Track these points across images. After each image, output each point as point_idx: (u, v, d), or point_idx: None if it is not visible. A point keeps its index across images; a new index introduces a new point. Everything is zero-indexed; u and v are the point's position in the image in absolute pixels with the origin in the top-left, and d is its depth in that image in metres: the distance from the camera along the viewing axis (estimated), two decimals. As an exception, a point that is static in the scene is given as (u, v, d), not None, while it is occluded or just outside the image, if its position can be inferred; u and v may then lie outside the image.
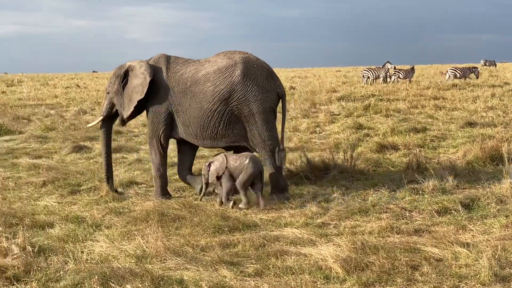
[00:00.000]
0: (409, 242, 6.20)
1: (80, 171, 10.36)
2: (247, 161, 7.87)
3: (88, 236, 6.66)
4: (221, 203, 7.99)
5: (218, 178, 8.00)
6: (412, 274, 5.33)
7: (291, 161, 10.35)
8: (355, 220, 7.16)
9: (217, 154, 8.30)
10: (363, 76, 33.45)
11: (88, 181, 9.49)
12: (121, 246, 6.20)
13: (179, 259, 5.80)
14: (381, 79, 33.15)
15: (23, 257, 5.73)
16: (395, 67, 34.65)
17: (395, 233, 6.56)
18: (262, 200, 7.88)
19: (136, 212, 7.53)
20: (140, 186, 9.28)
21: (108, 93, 8.91)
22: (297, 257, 5.82)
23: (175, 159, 9.54)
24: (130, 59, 8.87)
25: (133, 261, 5.81)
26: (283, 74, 45.45)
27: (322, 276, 5.33)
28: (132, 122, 16.08)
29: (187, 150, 8.92)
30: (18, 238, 6.18)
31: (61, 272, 5.53)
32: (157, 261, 5.81)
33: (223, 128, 8.22)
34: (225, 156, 8.05)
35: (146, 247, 6.06)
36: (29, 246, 6.00)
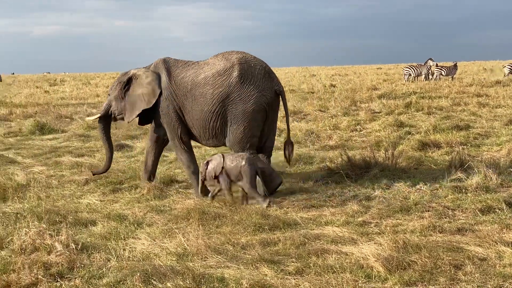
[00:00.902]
0: (452, 241, 6.12)
1: (122, 169, 10.46)
2: (243, 162, 7.97)
3: (130, 234, 6.72)
4: (213, 198, 8.10)
5: (216, 177, 8.08)
6: (455, 274, 5.25)
7: (331, 159, 10.30)
8: (397, 219, 7.08)
9: (214, 154, 8.51)
10: (405, 74, 33.14)
11: (129, 179, 9.58)
12: (162, 244, 6.24)
13: (220, 257, 5.82)
14: (423, 76, 32.81)
15: (66, 254, 5.82)
16: (437, 64, 34.24)
17: (437, 232, 6.47)
18: (257, 196, 7.92)
19: (177, 210, 7.58)
20: (180, 184, 9.32)
21: (109, 95, 9.39)
22: (338, 256, 5.79)
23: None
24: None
25: (174, 259, 5.85)
26: (323, 72, 45.29)
27: (363, 275, 5.29)
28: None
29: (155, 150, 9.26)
30: (61, 235, 6.27)
31: (104, 269, 5.59)
32: (198, 259, 5.83)
33: (220, 126, 8.48)
34: (223, 155, 8.16)
35: (187, 245, 6.09)
36: (72, 244, 6.08)
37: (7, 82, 50.55)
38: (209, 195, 8.21)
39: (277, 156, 9.51)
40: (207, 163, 8.21)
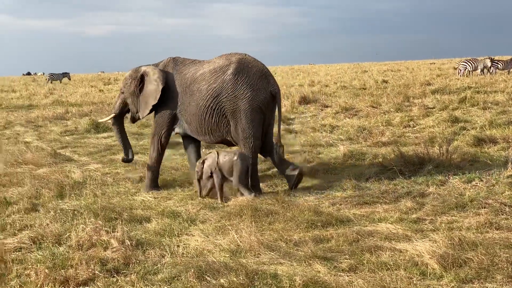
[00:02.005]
0: (509, 238, 5.99)
1: (175, 167, 10.57)
2: (235, 157, 8.22)
3: (183, 230, 6.79)
4: (208, 194, 8.39)
5: (211, 174, 8.31)
6: (513, 271, 5.15)
7: (384, 156, 10.21)
8: (452, 216, 6.97)
9: (210, 152, 8.73)
10: (460, 68, 32.59)
11: (183, 176, 9.67)
12: (215, 241, 6.29)
13: (272, 253, 5.83)
14: (479, 70, 32.21)
15: (122, 250, 5.92)
16: (492, 58, 33.56)
17: (494, 229, 6.35)
18: (246, 190, 8.16)
19: (229, 207, 7.62)
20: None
21: (122, 92, 9.58)
22: (392, 253, 5.73)
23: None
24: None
25: (227, 255, 5.89)
26: (375, 68, 44.88)
27: (418, 272, 5.23)
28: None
29: (191, 146, 9.55)
30: (117, 232, 6.38)
31: (159, 265, 5.67)
32: (251, 255, 5.86)
33: (215, 122, 8.69)
34: (217, 152, 8.44)
35: (240, 241, 6.12)
36: (127, 240, 6.18)
37: (65, 82, 51.57)
38: (202, 193, 8.44)
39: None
40: (203, 162, 8.46)
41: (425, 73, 36.94)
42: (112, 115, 9.75)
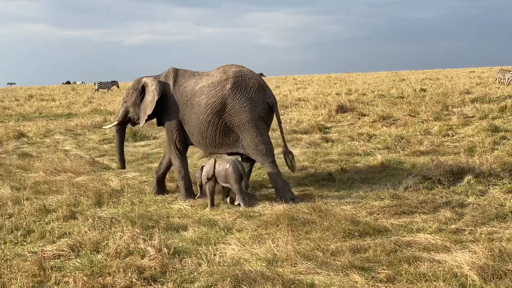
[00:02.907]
0: (552, 250, 5.86)
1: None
2: (227, 165, 8.45)
3: (220, 239, 6.80)
4: (212, 201, 8.59)
5: (209, 179, 8.59)
6: (556, 284, 5.03)
7: (422, 165, 10.09)
8: (492, 226, 6.86)
9: (209, 159, 9.02)
10: (499, 77, 32.12)
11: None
12: (252, 250, 6.28)
13: (309, 263, 5.80)
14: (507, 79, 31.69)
15: (159, 259, 5.94)
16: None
17: (536, 241, 6.22)
18: (242, 200, 8.40)
19: (266, 216, 7.59)
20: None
21: (125, 102, 9.94)
22: (431, 264, 5.65)
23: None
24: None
25: (264, 264, 5.87)
26: (413, 77, 44.50)
27: (457, 284, 5.14)
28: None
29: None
30: (154, 240, 6.41)
31: (195, 274, 5.68)
32: (287, 264, 5.83)
33: (220, 137, 8.95)
34: (214, 160, 8.65)
35: (277, 250, 6.10)
36: (164, 248, 6.20)
37: (113, 90, 51.87)
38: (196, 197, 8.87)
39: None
40: (202, 168, 8.76)
41: (464, 81, 36.51)
42: (115, 122, 10.12)
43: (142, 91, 9.60)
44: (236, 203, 8.58)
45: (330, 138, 14.14)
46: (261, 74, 77.99)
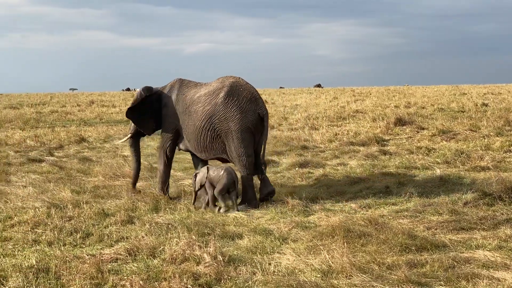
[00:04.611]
0: None
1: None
2: (221, 172, 8.95)
3: (275, 248, 6.79)
4: (206, 206, 9.09)
5: (202, 186, 9.11)
6: None
7: (482, 181, 9.88)
8: (555, 246, 6.65)
9: (202, 167, 9.42)
10: None
11: (275, 194, 9.68)
12: (307, 260, 6.25)
13: (364, 276, 5.73)
14: None
15: (214, 266, 5.97)
16: None
17: None
18: (236, 205, 8.91)
19: (321, 227, 7.55)
20: (325, 201, 9.31)
21: None
22: (490, 281, 5.52)
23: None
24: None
25: (318, 275, 5.84)
26: (474, 91, 43.68)
27: (518, 303, 5.01)
28: (318, 138, 16.31)
29: (196, 160, 10.29)
30: (210, 247, 6.46)
31: (250, 283, 5.68)
32: (342, 276, 5.78)
33: (210, 142, 9.46)
34: (208, 168, 9.19)
35: (332, 262, 6.05)
36: (220, 255, 6.24)
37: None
38: (196, 203, 9.22)
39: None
40: (195, 175, 9.29)
41: (528, 96, 35.61)
42: (129, 135, 10.68)
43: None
44: (221, 210, 8.91)
45: (388, 151, 13.99)
46: (319, 85, 77.62)
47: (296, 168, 12.14)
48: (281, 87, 79.35)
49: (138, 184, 10.71)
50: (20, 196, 9.67)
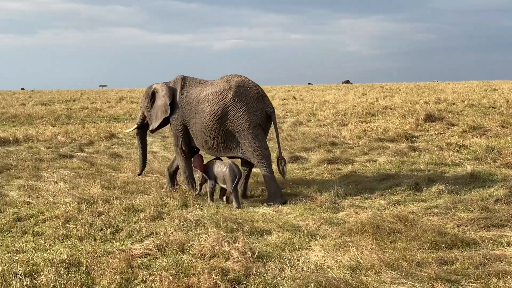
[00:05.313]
0: None
1: (296, 181, 10.60)
2: (224, 168, 9.10)
3: (303, 244, 6.78)
4: (200, 189, 9.55)
5: (205, 180, 9.42)
6: None
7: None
8: None
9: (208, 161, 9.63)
10: None
11: (304, 191, 9.68)
12: (335, 257, 6.23)
13: (394, 273, 5.70)
14: None
15: (243, 262, 5.99)
16: None
17: None
18: (236, 200, 8.97)
19: (350, 223, 7.53)
20: (354, 197, 9.28)
21: (141, 107, 10.85)
22: (522, 279, 5.45)
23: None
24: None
25: (347, 272, 5.82)
26: (506, 86, 43.08)
27: (550, 302, 4.95)
28: (347, 134, 16.24)
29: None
30: (238, 243, 6.47)
31: (278, 279, 5.69)
32: (371, 273, 5.76)
33: (222, 142, 9.58)
34: (213, 162, 9.42)
35: (361, 259, 6.03)
36: (248, 251, 6.25)
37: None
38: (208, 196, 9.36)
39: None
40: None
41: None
42: (135, 126, 10.96)
43: (152, 96, 10.35)
44: (234, 208, 8.87)
45: (418, 147, 13.88)
46: (348, 81, 77.27)
47: (325, 165, 12.12)
48: (309, 83, 79.21)
49: (167, 180, 10.77)
50: (51, 191, 9.79)
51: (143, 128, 10.89)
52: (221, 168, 9.16)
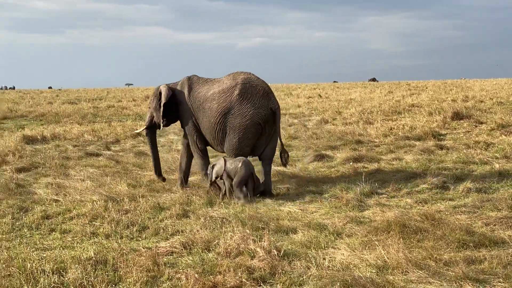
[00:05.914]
0: None
1: (322, 180, 10.57)
2: (240, 164, 9.24)
3: (329, 243, 6.75)
4: (223, 197, 9.27)
5: (220, 178, 9.44)
6: None
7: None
8: None
9: (218, 159, 9.74)
10: None
11: (329, 189, 9.64)
12: (361, 255, 6.20)
13: (421, 272, 5.65)
14: None
15: (268, 260, 5.98)
16: None
17: None
18: (253, 197, 9.14)
19: (376, 222, 7.47)
20: (380, 196, 9.22)
21: (149, 107, 10.97)
22: (551, 280, 5.37)
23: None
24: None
25: (373, 271, 5.79)
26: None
27: None
28: (373, 133, 16.14)
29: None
30: (264, 241, 6.47)
31: (304, 277, 5.67)
32: (398, 272, 5.71)
33: (223, 136, 9.83)
34: (224, 159, 9.50)
35: (387, 257, 5.98)
36: (274, 250, 6.25)
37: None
38: (220, 195, 9.42)
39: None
40: (213, 167, 9.61)
41: None
42: (144, 127, 11.07)
43: (160, 96, 10.48)
44: (239, 202, 8.97)
45: (445, 146, 13.74)
46: (373, 79, 76.91)
47: (351, 163, 12.06)
48: (334, 81, 78.89)
49: (192, 178, 10.81)
50: (78, 189, 9.88)
51: (152, 129, 10.99)
52: (235, 164, 9.28)
